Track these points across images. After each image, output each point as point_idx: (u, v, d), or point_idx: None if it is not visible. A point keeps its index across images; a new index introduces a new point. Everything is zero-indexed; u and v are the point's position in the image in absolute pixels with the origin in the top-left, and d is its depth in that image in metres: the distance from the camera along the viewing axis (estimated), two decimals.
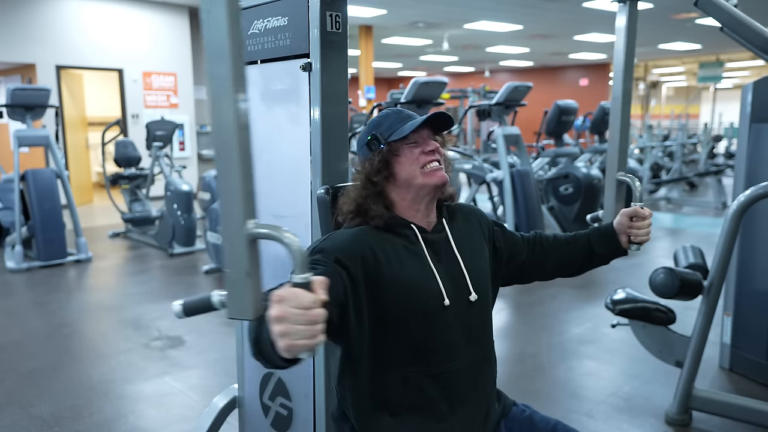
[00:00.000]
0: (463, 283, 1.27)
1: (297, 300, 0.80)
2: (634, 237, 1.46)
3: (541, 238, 1.49)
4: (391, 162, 1.26)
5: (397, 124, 1.28)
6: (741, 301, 3.01)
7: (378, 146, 1.28)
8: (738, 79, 22.99)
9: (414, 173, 1.25)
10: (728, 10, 2.32)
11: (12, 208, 5.39)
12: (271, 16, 1.54)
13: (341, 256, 1.16)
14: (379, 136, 1.28)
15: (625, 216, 1.46)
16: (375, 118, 1.33)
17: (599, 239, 1.48)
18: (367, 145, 1.30)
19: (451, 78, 19.81)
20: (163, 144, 6.43)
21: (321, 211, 1.42)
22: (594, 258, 1.49)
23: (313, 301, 0.81)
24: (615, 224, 1.48)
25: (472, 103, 8.50)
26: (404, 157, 1.26)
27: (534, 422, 1.35)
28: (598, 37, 12.75)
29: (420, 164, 1.25)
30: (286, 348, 0.82)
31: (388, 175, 1.26)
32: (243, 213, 0.89)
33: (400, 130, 1.26)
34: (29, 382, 2.96)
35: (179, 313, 1.14)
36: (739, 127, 3.07)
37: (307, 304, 0.81)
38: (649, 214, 1.46)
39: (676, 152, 9.82)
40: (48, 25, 8.47)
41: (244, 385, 1.85)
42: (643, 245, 1.51)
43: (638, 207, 1.46)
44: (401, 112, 1.32)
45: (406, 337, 1.20)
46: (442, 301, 1.22)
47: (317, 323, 0.81)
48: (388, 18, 10.50)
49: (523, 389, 2.89)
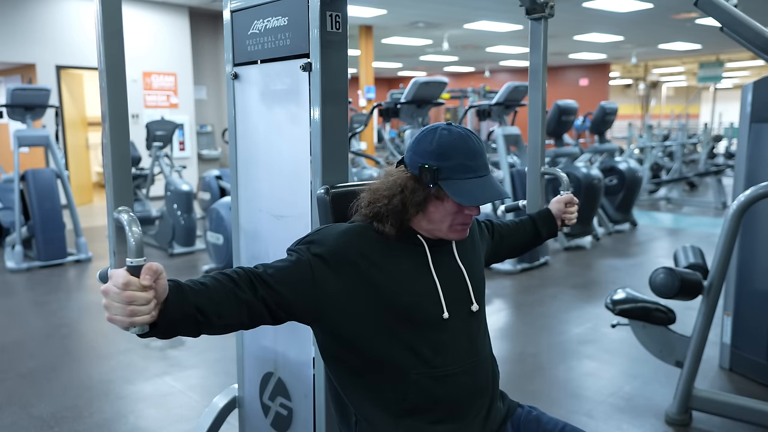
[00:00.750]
0: (466, 294, 1.27)
1: (115, 279, 0.92)
2: (567, 220, 1.69)
3: (498, 227, 1.57)
4: (430, 202, 1.20)
5: (461, 174, 1.17)
6: (741, 301, 3.01)
7: (428, 179, 1.17)
8: (738, 79, 22.99)
9: (444, 221, 1.21)
10: (728, 10, 2.32)
11: (12, 208, 5.39)
12: (271, 16, 1.54)
13: (325, 253, 1.15)
14: (435, 174, 1.16)
15: (562, 203, 1.69)
16: (446, 143, 1.18)
17: (543, 223, 1.66)
18: (420, 167, 1.18)
19: (451, 78, 19.81)
20: (163, 144, 6.43)
21: (321, 211, 1.42)
22: (537, 239, 1.66)
23: (127, 283, 0.91)
24: (554, 210, 1.68)
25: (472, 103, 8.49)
26: (445, 207, 1.19)
27: (541, 423, 1.34)
28: (598, 37, 12.75)
29: (454, 221, 1.21)
30: (109, 320, 0.94)
31: (419, 210, 1.21)
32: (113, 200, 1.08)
33: (461, 189, 1.16)
34: (29, 382, 2.96)
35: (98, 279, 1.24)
36: (739, 127, 3.07)
37: (120, 285, 0.91)
38: (577, 201, 1.72)
39: (676, 152, 9.82)
40: (48, 25, 8.47)
41: (244, 385, 1.85)
42: (641, 246, 1.58)
43: (571, 195, 1.72)
44: (474, 158, 1.18)
45: (405, 344, 1.19)
46: (441, 313, 1.21)
47: (132, 304, 0.91)
48: (388, 18, 10.49)
49: (523, 389, 2.89)
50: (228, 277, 1.08)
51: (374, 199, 1.22)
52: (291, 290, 1.12)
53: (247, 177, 1.72)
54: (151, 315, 0.94)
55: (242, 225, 1.76)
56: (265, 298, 1.10)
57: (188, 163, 9.85)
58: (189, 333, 1.04)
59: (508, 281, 4.79)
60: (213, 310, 1.04)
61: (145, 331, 0.96)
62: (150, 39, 9.42)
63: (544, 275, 5.00)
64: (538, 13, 1.81)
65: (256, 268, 1.14)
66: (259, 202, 1.69)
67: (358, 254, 1.18)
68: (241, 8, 1.64)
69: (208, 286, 1.05)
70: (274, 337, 1.70)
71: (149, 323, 0.95)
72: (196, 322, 1.02)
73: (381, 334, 1.18)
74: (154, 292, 0.94)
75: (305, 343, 1.59)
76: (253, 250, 1.73)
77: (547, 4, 1.79)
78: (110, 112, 1.08)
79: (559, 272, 5.14)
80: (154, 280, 0.94)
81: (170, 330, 1.00)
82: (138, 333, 0.95)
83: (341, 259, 1.16)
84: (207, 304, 1.03)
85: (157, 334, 0.99)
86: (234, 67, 1.69)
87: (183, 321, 1.01)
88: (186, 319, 1.01)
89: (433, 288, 1.22)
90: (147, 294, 0.93)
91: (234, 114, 1.72)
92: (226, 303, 1.06)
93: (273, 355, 1.71)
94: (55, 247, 5.28)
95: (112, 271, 0.94)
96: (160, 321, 0.97)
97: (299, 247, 1.19)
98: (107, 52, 1.07)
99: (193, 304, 1.01)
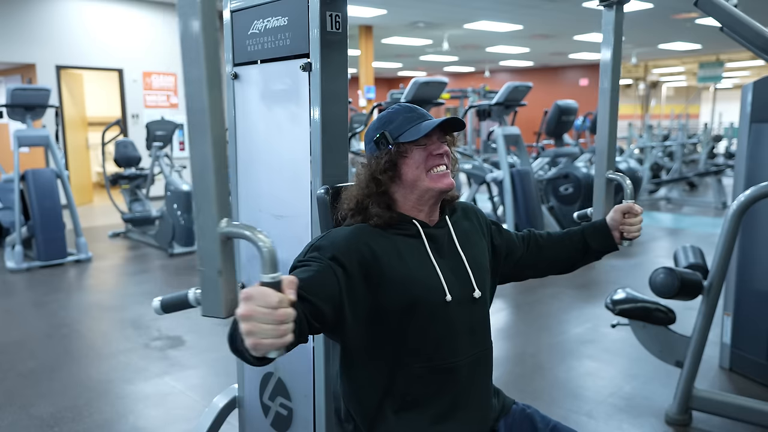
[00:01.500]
0: (467, 279, 1.27)
1: (264, 299, 0.81)
2: (626, 233, 1.49)
3: (535, 236, 1.50)
4: (398, 162, 1.24)
5: (408, 124, 1.25)
6: (741, 301, 3.01)
7: (386, 145, 1.25)
8: (738, 79, 22.98)
9: (420, 176, 1.23)
10: (728, 10, 2.32)
11: (12, 208, 5.39)
12: (271, 16, 1.54)
13: (338, 254, 1.16)
14: (388, 135, 1.25)
15: (619, 212, 1.49)
16: (385, 114, 1.29)
17: (594, 235, 1.50)
18: (374, 142, 1.27)
19: (451, 78, 19.81)
20: (163, 144, 6.43)
21: (321, 211, 1.42)
22: (588, 254, 1.51)
23: (280, 300, 0.82)
24: (609, 220, 1.51)
25: (472, 103, 8.50)
26: (412, 158, 1.24)
27: (534, 422, 1.35)
28: (598, 37, 12.70)
29: (427, 167, 1.24)
30: (253, 346, 0.83)
31: (393, 175, 1.24)
32: (216, 212, 0.91)
33: (411, 132, 1.23)
34: (29, 382, 2.96)
35: (158, 309, 1.16)
36: (739, 127, 3.07)
37: (273, 304, 0.81)
38: (641, 211, 1.49)
39: (676, 152, 9.82)
40: (48, 25, 8.47)
41: (244, 385, 1.85)
42: (641, 246, 1.54)
43: (632, 203, 1.49)
44: (413, 110, 1.28)
45: (408, 333, 1.20)
46: (444, 296, 1.22)
47: (284, 323, 0.82)
48: (388, 18, 10.49)
49: (523, 389, 2.89)
50: None
51: (349, 196, 1.28)
52: (324, 299, 1.09)
53: (247, 177, 1.72)
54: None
55: None
56: (304, 311, 1.04)
57: (188, 163, 9.84)
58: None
59: None
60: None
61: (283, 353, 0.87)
62: (150, 39, 9.42)
63: None
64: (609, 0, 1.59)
65: None
66: (259, 202, 1.68)
67: (366, 249, 1.19)
68: (241, 8, 1.64)
69: None
70: None
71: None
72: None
73: (386, 326, 1.19)
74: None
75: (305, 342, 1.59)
76: (253, 250, 1.73)
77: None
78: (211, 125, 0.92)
79: None
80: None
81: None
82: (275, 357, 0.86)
83: (353, 258, 1.17)
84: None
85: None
86: (234, 67, 1.69)
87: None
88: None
89: (434, 273, 1.23)
90: (294, 310, 0.84)
91: (234, 114, 1.72)
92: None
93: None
94: (55, 247, 5.28)
95: (252, 290, 0.82)
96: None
97: (313, 255, 1.16)
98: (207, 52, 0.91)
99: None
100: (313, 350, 1.54)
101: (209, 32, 0.90)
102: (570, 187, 5.98)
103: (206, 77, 0.89)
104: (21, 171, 5.28)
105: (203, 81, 0.89)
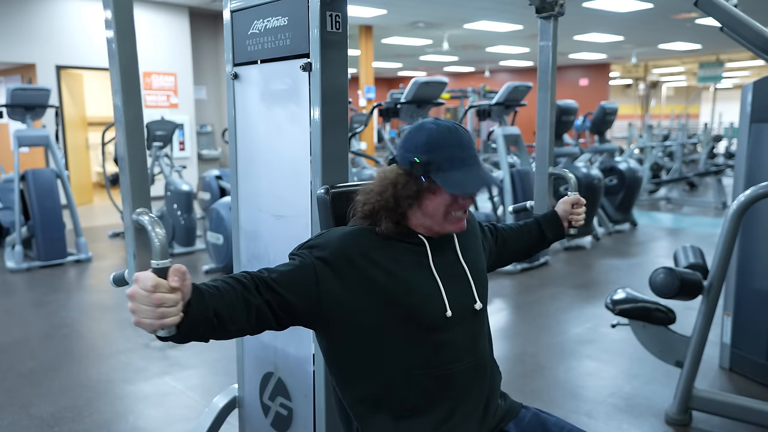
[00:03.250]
0: (469, 292, 1.27)
1: (144, 282, 0.91)
2: (574, 222, 1.68)
3: (501, 230, 1.57)
4: (423, 196, 1.20)
5: (451, 166, 1.18)
6: (741, 301, 3.01)
7: (419, 175, 1.19)
8: (738, 79, 22.99)
9: (438, 214, 1.21)
10: (728, 10, 2.32)
11: (12, 208, 5.39)
12: (271, 16, 1.54)
13: (327, 255, 1.16)
14: (426, 168, 1.18)
15: (569, 204, 1.67)
16: (435, 136, 1.20)
17: (549, 226, 1.65)
18: (411, 163, 1.20)
19: (451, 78, 19.81)
20: (163, 144, 6.42)
21: (321, 211, 1.42)
22: (543, 242, 1.65)
23: (156, 285, 0.91)
24: (559, 211, 1.67)
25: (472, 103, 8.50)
26: (438, 197, 1.20)
27: (546, 426, 1.34)
28: (598, 37, 12.74)
29: (448, 210, 1.21)
30: (136, 324, 0.93)
31: (413, 203, 1.21)
32: (131, 201, 1.10)
33: (451, 181, 1.17)
34: (29, 382, 2.96)
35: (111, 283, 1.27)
36: (739, 127, 3.07)
37: (149, 288, 0.91)
38: (585, 202, 1.70)
39: (676, 152, 9.82)
40: (48, 25, 8.47)
41: (244, 385, 1.85)
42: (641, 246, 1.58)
43: (578, 196, 1.69)
44: (463, 149, 1.20)
45: (406, 342, 1.19)
46: (444, 312, 1.21)
47: (161, 306, 0.91)
48: (388, 18, 10.49)
49: (523, 389, 2.89)
50: (237, 281, 1.08)
51: (367, 199, 1.23)
52: (295, 293, 1.13)
53: (247, 177, 1.72)
54: (179, 316, 0.95)
55: (242, 225, 1.76)
56: (270, 301, 1.10)
57: (188, 163, 9.85)
58: (202, 337, 1.04)
59: (508, 281, 4.79)
60: (227, 315, 1.04)
61: (172, 334, 0.96)
62: (150, 39, 9.42)
63: (544, 275, 5.00)
64: (547, 12, 1.80)
65: (261, 273, 1.14)
66: (259, 202, 1.68)
67: (360, 255, 1.18)
68: (241, 8, 1.64)
69: (220, 290, 1.05)
70: (274, 337, 1.70)
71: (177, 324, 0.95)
72: (212, 325, 1.02)
73: (383, 335, 1.18)
74: (180, 293, 0.95)
75: (305, 342, 1.59)
76: (253, 250, 1.73)
77: (557, 2, 1.77)
78: (125, 114, 1.10)
79: (559, 272, 5.14)
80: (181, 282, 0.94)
81: (190, 333, 1.00)
82: (164, 336, 0.96)
83: (344, 262, 1.16)
84: (222, 308, 1.03)
85: (178, 336, 0.99)
86: (234, 67, 1.69)
87: (202, 324, 1.01)
88: (205, 323, 1.01)
89: (435, 286, 1.22)
90: (175, 296, 0.93)
91: (234, 114, 1.72)
92: (238, 307, 1.06)
93: (273, 355, 1.71)
94: (55, 247, 5.28)
95: (139, 274, 0.93)
96: (182, 323, 0.96)
97: (301, 251, 1.19)
98: (120, 54, 1.08)
99: (212, 308, 1.01)
100: (313, 350, 1.54)
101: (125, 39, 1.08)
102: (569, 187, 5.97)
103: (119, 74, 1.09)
104: (21, 171, 5.27)
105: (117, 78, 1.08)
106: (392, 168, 1.23)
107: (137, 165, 1.11)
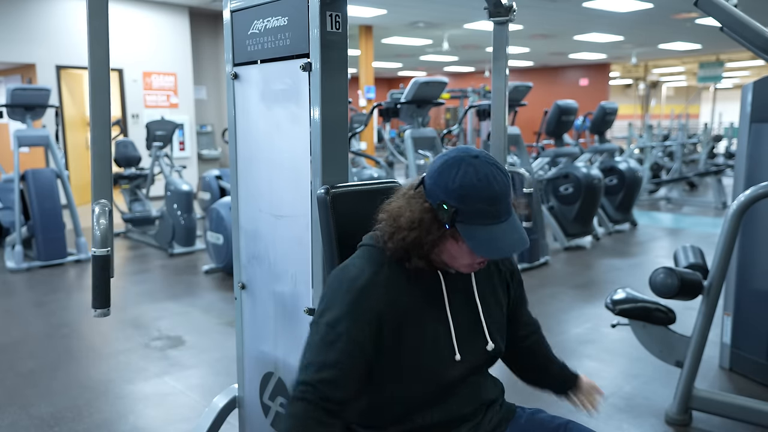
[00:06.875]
0: (481, 333, 1.25)
1: None
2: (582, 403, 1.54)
3: (537, 335, 1.54)
4: (447, 240, 1.14)
5: (479, 221, 1.10)
6: (741, 301, 3.00)
7: (445, 221, 1.11)
8: (738, 79, 22.99)
9: (458, 262, 1.17)
10: (728, 10, 2.32)
11: (12, 208, 5.39)
12: (271, 16, 1.54)
13: (351, 325, 1.13)
14: (453, 216, 1.10)
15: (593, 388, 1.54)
16: (466, 183, 1.09)
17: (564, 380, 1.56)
18: (438, 204, 1.11)
19: (451, 78, 19.80)
20: (163, 144, 6.43)
21: (321, 211, 1.42)
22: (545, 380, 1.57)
23: None
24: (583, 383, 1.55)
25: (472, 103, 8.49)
26: (459, 248, 1.14)
27: (545, 423, 1.35)
28: (598, 37, 12.74)
29: (470, 262, 1.17)
30: None
31: (435, 247, 1.15)
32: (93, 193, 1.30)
33: (476, 238, 1.10)
34: (29, 382, 2.96)
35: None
36: (739, 127, 3.07)
37: None
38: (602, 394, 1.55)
39: (676, 152, 9.82)
40: (48, 25, 8.47)
41: (244, 385, 1.85)
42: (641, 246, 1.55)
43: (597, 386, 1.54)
44: (494, 203, 1.10)
45: (414, 387, 1.19)
46: (453, 356, 1.20)
47: None
48: (388, 18, 10.50)
49: (523, 389, 2.87)
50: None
51: (394, 233, 1.15)
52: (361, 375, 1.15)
53: (247, 177, 1.72)
54: None
55: (242, 225, 1.76)
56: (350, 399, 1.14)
57: (188, 163, 9.85)
58: None
59: None
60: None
61: None
62: (150, 39, 9.42)
63: (544, 275, 5.00)
64: (502, 17, 1.84)
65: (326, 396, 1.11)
66: (259, 202, 1.68)
67: (377, 312, 1.15)
68: (241, 8, 1.64)
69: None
70: (274, 338, 1.70)
71: None
72: None
73: (392, 375, 1.18)
74: None
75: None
76: (253, 250, 1.73)
77: (511, 8, 1.84)
78: (93, 112, 1.20)
79: (559, 272, 5.14)
80: None
81: None
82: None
83: (360, 316, 1.14)
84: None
85: None
86: (234, 67, 1.69)
87: None
88: None
89: (446, 329, 1.21)
90: None
91: (234, 114, 1.72)
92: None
93: (273, 355, 1.71)
94: (55, 247, 5.28)
95: None
96: None
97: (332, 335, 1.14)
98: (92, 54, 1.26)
99: None
100: None
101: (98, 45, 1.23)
102: (570, 187, 5.98)
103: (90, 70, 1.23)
104: (21, 171, 5.27)
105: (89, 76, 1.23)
106: (419, 198, 1.15)
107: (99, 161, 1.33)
